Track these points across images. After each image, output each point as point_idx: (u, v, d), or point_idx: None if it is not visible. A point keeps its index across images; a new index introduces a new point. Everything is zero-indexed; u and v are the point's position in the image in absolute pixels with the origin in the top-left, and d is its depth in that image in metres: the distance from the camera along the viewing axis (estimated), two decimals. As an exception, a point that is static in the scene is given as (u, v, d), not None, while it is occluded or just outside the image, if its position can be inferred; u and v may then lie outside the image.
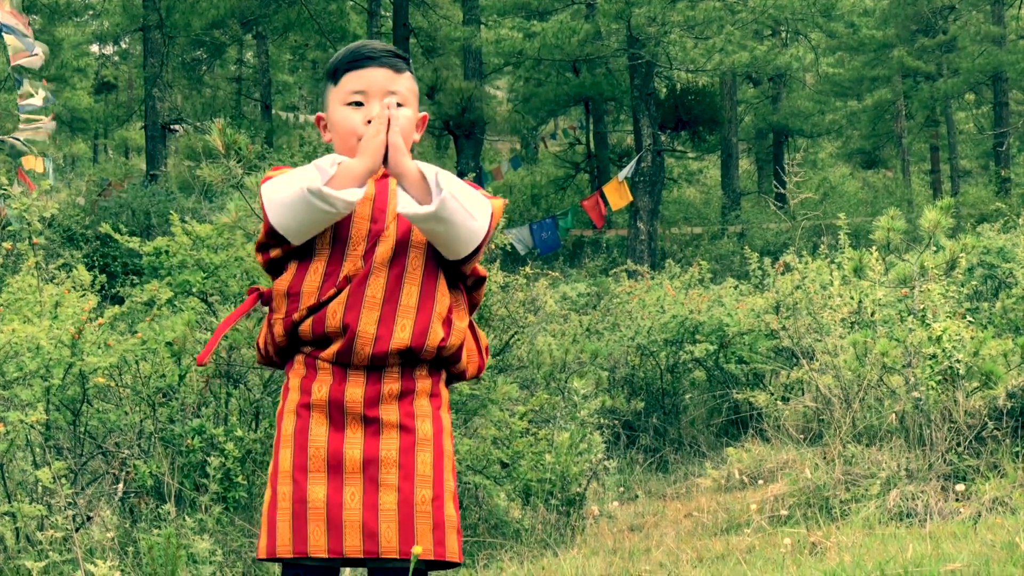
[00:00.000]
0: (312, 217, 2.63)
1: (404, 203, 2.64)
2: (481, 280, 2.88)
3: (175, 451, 5.13)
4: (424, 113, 2.93)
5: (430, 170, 2.65)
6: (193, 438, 5.05)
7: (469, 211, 2.65)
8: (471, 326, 2.87)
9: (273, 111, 31.87)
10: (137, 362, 5.35)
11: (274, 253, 2.75)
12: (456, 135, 23.89)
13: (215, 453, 5.02)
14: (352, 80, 2.80)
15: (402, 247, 2.71)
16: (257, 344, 2.87)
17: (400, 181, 2.67)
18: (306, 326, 2.70)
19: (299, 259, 2.74)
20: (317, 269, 2.72)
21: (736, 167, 30.07)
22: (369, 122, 2.73)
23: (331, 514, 2.63)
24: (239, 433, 5.10)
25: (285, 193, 2.64)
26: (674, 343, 9.65)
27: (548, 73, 29.22)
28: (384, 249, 2.70)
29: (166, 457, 5.09)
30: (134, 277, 10.72)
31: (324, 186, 2.58)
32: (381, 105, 2.69)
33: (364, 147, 2.66)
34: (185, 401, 5.40)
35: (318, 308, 2.70)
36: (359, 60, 2.80)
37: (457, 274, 2.80)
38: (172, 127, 23.65)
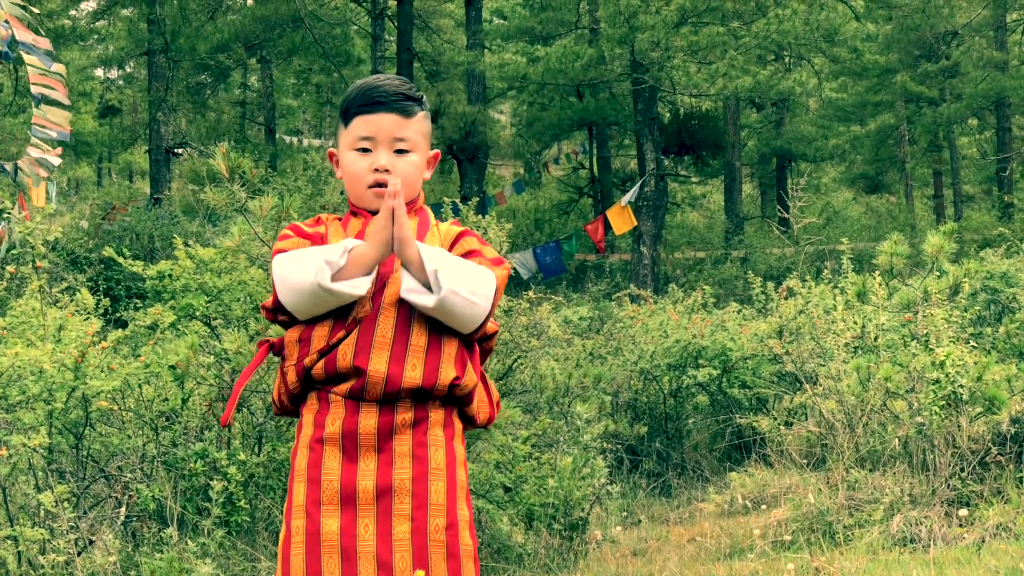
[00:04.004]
0: (321, 306, 2.68)
1: (407, 288, 2.66)
2: (492, 334, 2.88)
3: (178, 475, 5.12)
4: (436, 151, 2.92)
5: (431, 261, 2.64)
6: (196, 462, 5.04)
7: (470, 299, 2.65)
8: (483, 378, 2.87)
9: (277, 135, 32.01)
10: (140, 386, 5.36)
11: (282, 318, 2.77)
12: (460, 159, 23.93)
13: (218, 477, 5.02)
14: (361, 125, 2.77)
15: None
16: (272, 398, 2.87)
17: (405, 267, 2.67)
18: (318, 368, 2.70)
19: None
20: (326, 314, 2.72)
21: (739, 192, 30.10)
22: (376, 170, 2.75)
23: (345, 545, 2.62)
24: (242, 457, 5.09)
25: (295, 278, 2.65)
26: (677, 368, 9.64)
27: (552, 97, 29.33)
28: (393, 291, 2.70)
29: (169, 481, 5.08)
30: (138, 301, 10.72)
31: (333, 283, 2.61)
32: (385, 204, 2.63)
33: (372, 239, 2.65)
34: (188, 425, 5.40)
35: (328, 351, 2.69)
36: (369, 104, 2.76)
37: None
38: (176, 151, 23.74)
